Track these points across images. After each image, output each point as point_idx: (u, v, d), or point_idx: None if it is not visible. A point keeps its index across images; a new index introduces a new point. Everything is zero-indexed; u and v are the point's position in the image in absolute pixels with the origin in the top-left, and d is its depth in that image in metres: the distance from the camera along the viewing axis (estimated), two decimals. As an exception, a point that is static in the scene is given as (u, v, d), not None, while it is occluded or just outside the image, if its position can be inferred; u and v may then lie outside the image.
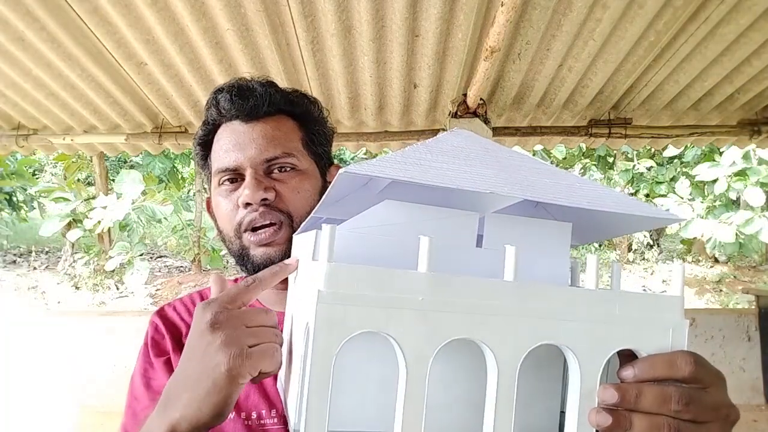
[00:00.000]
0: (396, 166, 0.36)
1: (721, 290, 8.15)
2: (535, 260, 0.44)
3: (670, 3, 1.62)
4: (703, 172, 7.02)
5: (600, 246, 9.77)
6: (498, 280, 0.38)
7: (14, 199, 8.27)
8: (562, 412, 0.49)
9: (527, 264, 0.40)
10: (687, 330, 0.41)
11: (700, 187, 7.65)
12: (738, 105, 2.33)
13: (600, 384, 0.39)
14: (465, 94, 2.12)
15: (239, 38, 1.73)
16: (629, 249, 10.05)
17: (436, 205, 0.44)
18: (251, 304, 0.51)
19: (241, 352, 0.43)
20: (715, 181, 6.95)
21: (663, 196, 8.25)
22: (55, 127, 2.42)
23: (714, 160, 7.12)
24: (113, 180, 8.31)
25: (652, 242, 10.05)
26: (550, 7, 1.62)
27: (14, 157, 7.68)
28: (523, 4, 1.60)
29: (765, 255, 9.13)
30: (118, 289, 7.56)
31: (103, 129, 2.42)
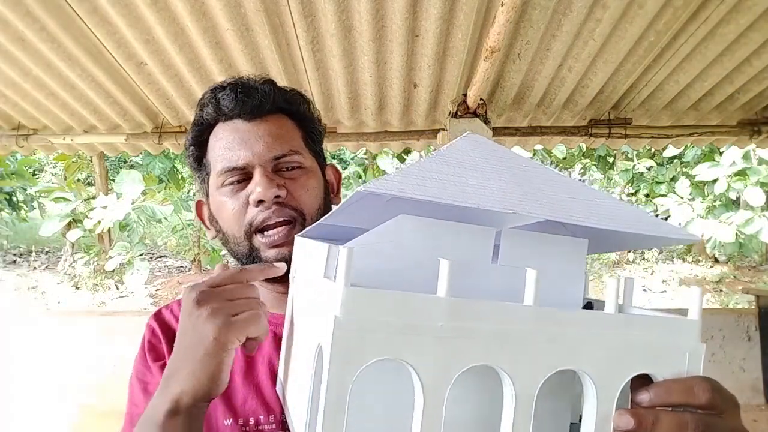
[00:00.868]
0: (414, 182, 0.35)
1: (721, 290, 8.15)
2: (550, 278, 0.44)
3: (670, 3, 1.62)
4: (703, 172, 7.01)
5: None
6: (518, 305, 0.38)
7: (14, 199, 8.27)
8: (573, 424, 0.49)
9: (543, 282, 0.39)
10: (703, 355, 0.41)
11: (700, 187, 7.65)
12: (738, 105, 2.33)
13: (615, 409, 0.39)
14: (465, 94, 2.12)
15: (239, 38, 1.73)
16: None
17: (452, 218, 0.43)
18: None
19: (225, 321, 0.47)
20: (715, 181, 6.94)
21: (663, 196, 8.24)
22: (55, 127, 2.42)
23: (714, 160, 7.11)
24: (113, 180, 8.31)
25: (652, 242, 10.03)
26: (550, 7, 1.62)
27: (14, 157, 7.67)
28: (523, 4, 1.60)
29: (765, 255, 9.14)
30: (118, 289, 7.56)
31: (103, 129, 2.42)
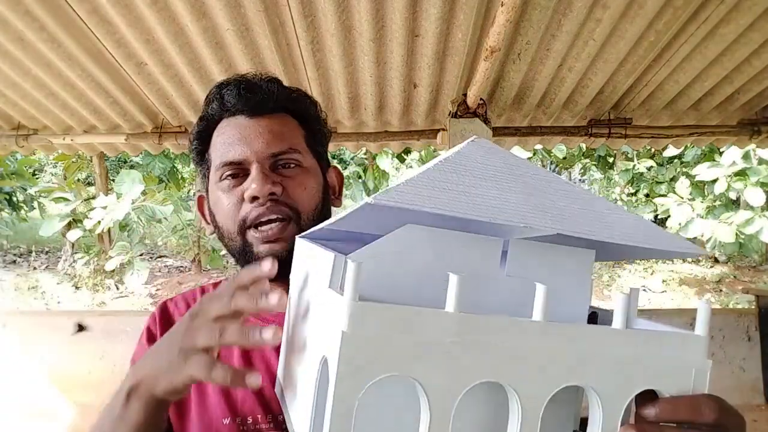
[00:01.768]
0: (425, 194, 0.35)
1: (721, 290, 8.16)
2: (557, 288, 0.44)
3: (670, 3, 1.62)
4: (703, 172, 7.00)
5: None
6: (528, 321, 0.37)
7: (14, 199, 8.26)
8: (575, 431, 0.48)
9: (550, 293, 0.39)
10: (710, 372, 0.41)
11: (700, 187, 7.64)
12: (738, 105, 2.33)
13: (621, 425, 0.39)
14: (465, 94, 2.12)
15: (239, 38, 1.73)
16: (629, 249, 10.03)
17: (458, 226, 0.42)
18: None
19: (186, 356, 0.48)
20: (715, 181, 6.93)
21: (663, 196, 8.23)
22: (55, 127, 2.42)
23: (714, 160, 7.11)
24: (113, 180, 8.30)
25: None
26: (550, 7, 1.62)
27: (14, 157, 7.68)
28: (523, 4, 1.60)
29: (765, 255, 9.13)
30: (118, 289, 7.56)
31: (103, 129, 2.42)
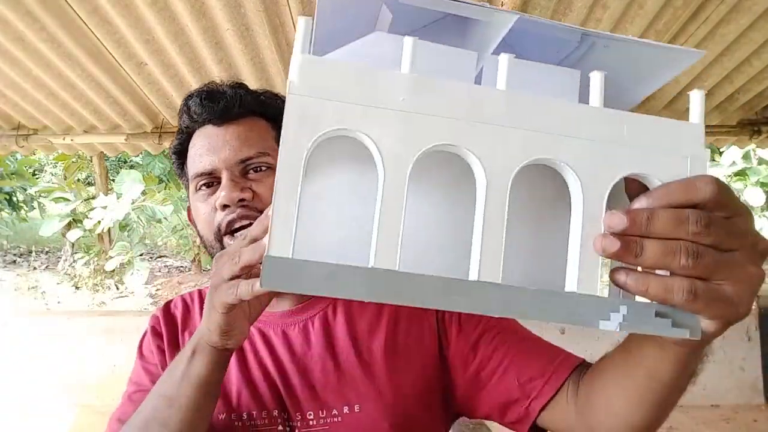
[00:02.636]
0: None
1: (721, 290, 8.14)
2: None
3: (670, 3, 1.62)
4: (703, 172, 7.00)
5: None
6: (488, 87, 0.35)
7: (14, 199, 8.26)
8: None
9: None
10: (708, 162, 0.36)
11: (700, 187, 7.64)
12: (738, 105, 2.33)
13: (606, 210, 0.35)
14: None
15: (239, 38, 1.73)
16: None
17: (435, 40, 0.39)
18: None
19: (218, 286, 0.52)
20: (715, 181, 6.93)
21: (663, 196, 8.23)
22: (55, 127, 2.42)
23: (714, 160, 7.11)
24: (113, 180, 8.30)
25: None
26: (550, 7, 1.62)
27: (14, 157, 7.67)
28: (523, 4, 1.60)
29: (765, 255, 9.13)
30: (118, 289, 7.56)
31: (103, 129, 2.42)
